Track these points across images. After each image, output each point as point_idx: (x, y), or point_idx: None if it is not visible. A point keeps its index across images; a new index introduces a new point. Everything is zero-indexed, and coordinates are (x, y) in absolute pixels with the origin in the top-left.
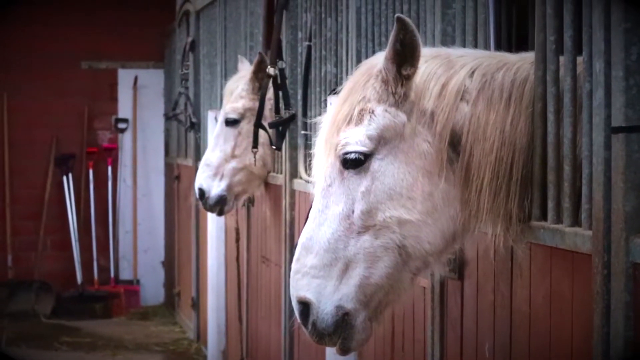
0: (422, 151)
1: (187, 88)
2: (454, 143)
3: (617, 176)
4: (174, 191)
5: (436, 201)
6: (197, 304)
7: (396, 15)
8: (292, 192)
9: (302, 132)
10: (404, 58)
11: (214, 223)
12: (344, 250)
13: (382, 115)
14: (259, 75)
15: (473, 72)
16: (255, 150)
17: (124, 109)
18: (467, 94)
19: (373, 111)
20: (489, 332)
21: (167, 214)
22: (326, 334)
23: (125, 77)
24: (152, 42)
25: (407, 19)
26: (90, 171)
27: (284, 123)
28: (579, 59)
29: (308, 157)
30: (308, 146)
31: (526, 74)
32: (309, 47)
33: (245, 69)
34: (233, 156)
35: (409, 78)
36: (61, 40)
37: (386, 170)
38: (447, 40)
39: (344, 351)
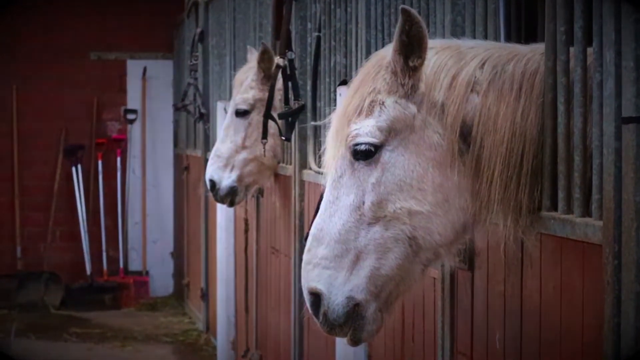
0: (432, 143)
1: (196, 79)
2: (465, 134)
3: (628, 166)
4: (183, 182)
5: (446, 192)
6: (206, 295)
7: (401, 6)
8: (302, 183)
9: (312, 123)
10: (411, 49)
11: (223, 214)
12: (354, 242)
13: (392, 107)
14: (261, 66)
15: (484, 64)
16: (264, 141)
17: (133, 100)
18: (477, 85)
19: (383, 102)
20: (500, 322)
21: (176, 205)
22: (337, 325)
23: (134, 68)
24: (161, 32)
25: (413, 10)
26: (100, 162)
27: (293, 114)
28: (589, 50)
29: (317, 148)
30: (317, 137)
31: (537, 65)
32: (319, 38)
33: (255, 59)
34: (243, 147)
35: (416, 69)
36: (70, 32)
37: (396, 162)
38: (457, 31)
39: (354, 342)
